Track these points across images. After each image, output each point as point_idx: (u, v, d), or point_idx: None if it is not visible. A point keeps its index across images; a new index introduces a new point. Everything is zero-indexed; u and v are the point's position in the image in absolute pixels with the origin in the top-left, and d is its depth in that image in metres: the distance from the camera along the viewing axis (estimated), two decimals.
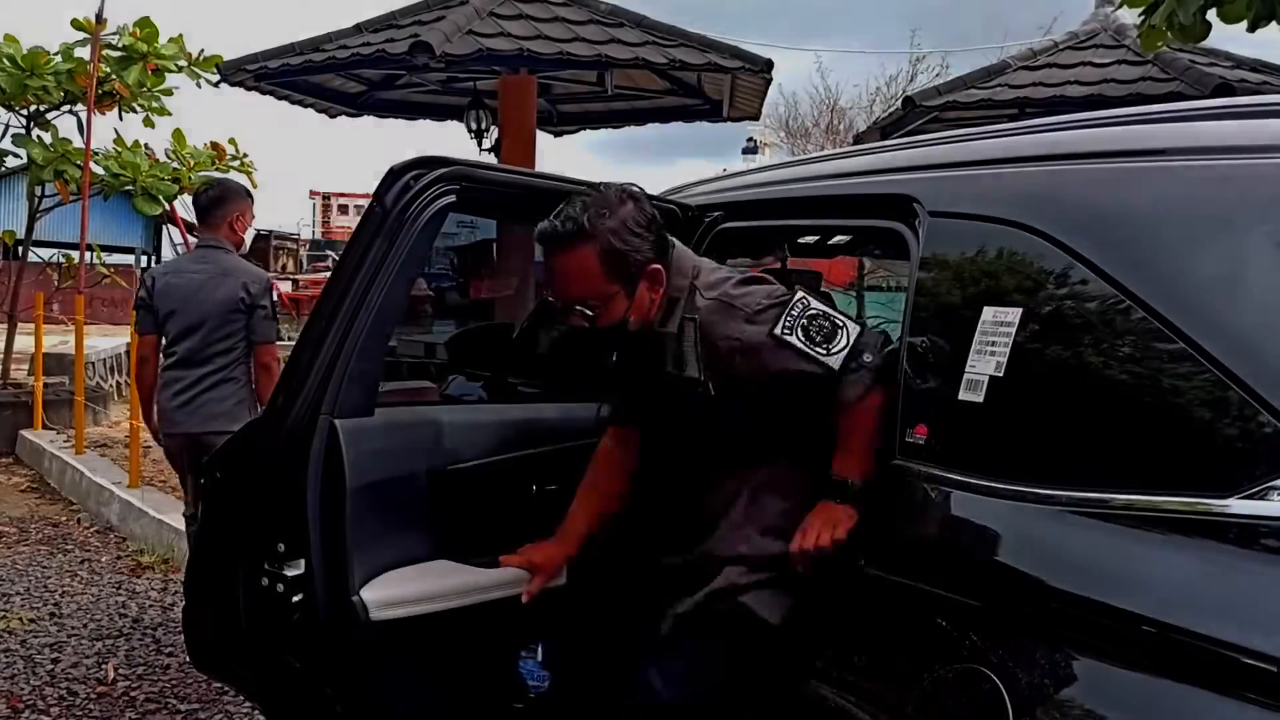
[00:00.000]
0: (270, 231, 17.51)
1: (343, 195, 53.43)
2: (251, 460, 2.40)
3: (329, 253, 36.64)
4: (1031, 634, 1.58)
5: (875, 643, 1.89)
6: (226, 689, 4.25)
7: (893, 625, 1.86)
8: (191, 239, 19.04)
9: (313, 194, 53.81)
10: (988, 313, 1.83)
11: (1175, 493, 1.51)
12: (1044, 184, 1.89)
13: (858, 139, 14.71)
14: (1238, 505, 1.42)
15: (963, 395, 1.82)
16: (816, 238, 3.00)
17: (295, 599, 2.20)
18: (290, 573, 2.20)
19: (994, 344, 1.79)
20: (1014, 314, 1.78)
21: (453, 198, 2.27)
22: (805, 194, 2.62)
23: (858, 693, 1.83)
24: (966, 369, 1.83)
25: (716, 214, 2.85)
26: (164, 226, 27.62)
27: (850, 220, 2.53)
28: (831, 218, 2.62)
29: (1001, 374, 1.77)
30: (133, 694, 4.25)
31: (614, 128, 11.16)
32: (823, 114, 28.17)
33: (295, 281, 25.50)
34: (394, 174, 2.25)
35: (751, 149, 29.80)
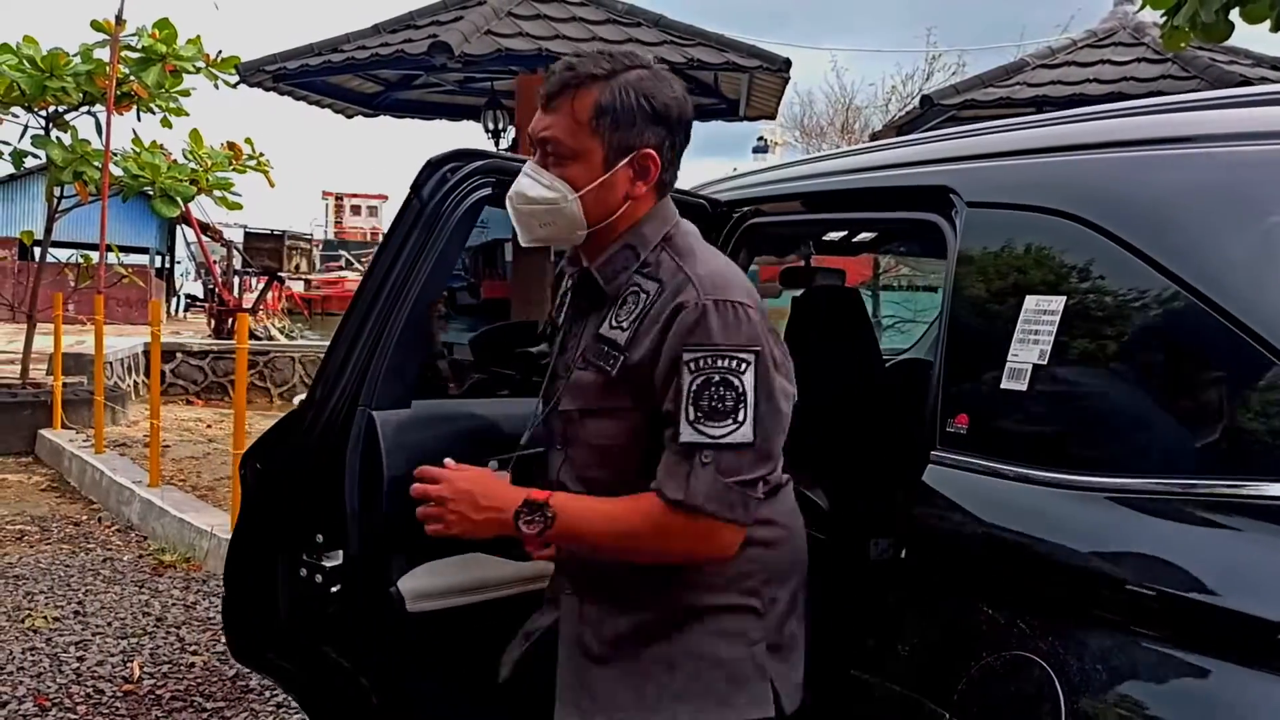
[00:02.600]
0: (284, 231, 17.54)
1: (355, 196, 53.77)
2: (290, 451, 2.40)
3: (342, 253, 36.81)
4: (1081, 621, 1.57)
5: (919, 634, 1.88)
6: (251, 688, 4.27)
7: (936, 617, 1.85)
8: (205, 239, 18.99)
9: (325, 194, 54.14)
10: (1030, 301, 1.82)
11: (1224, 478, 1.50)
12: (1087, 172, 1.88)
13: (874, 138, 14.70)
14: None
15: (1005, 384, 1.82)
16: (849, 232, 2.99)
17: (333, 590, 2.21)
18: (328, 564, 2.20)
19: (1037, 332, 1.79)
20: (1058, 302, 1.78)
21: (489, 190, 2.27)
22: (838, 187, 2.62)
23: (904, 682, 1.82)
24: (1009, 358, 1.82)
25: (745, 209, 2.85)
26: (178, 227, 27.86)
27: (884, 213, 2.52)
28: (865, 211, 2.61)
29: (1045, 362, 1.76)
30: (158, 692, 4.27)
31: None
32: (838, 113, 28.13)
33: (308, 282, 25.51)
34: (432, 166, 2.25)
35: (762, 148, 29.81)
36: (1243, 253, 1.63)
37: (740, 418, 1.66)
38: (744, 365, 1.67)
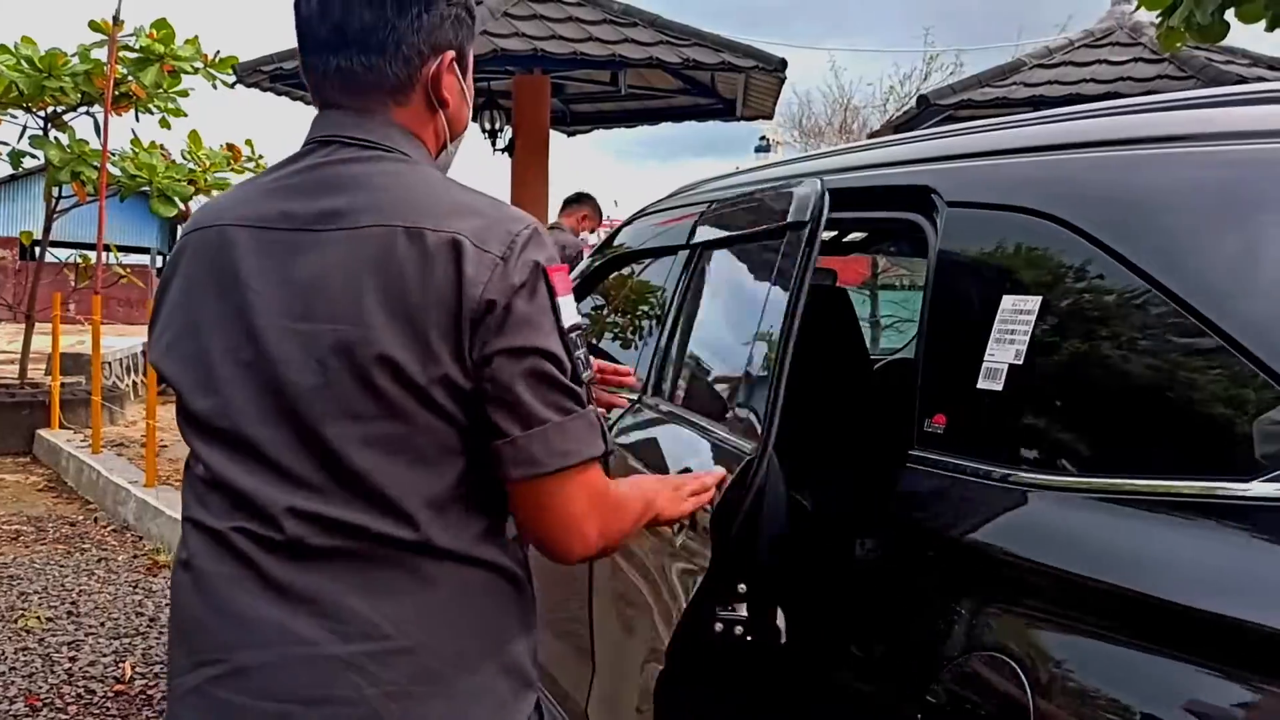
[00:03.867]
0: None
1: None
2: None
3: None
4: (1050, 621, 1.57)
5: (892, 634, 1.88)
6: None
7: (907, 616, 1.85)
8: None
9: None
10: (1007, 301, 1.82)
11: (1197, 477, 1.50)
12: (1063, 171, 1.89)
13: (871, 138, 14.69)
14: (1259, 488, 1.41)
15: (982, 383, 1.82)
16: (833, 232, 2.99)
17: None
18: None
19: (1014, 332, 1.79)
20: (1033, 302, 1.78)
21: None
22: None
23: (880, 683, 1.82)
24: (985, 357, 1.82)
25: None
26: (179, 227, 27.92)
27: (868, 213, 2.52)
28: (848, 211, 2.61)
29: (1021, 361, 1.76)
30: (150, 692, 4.27)
31: (627, 127, 11.18)
32: (836, 113, 28.14)
33: None
34: None
35: (764, 147, 29.82)
36: (1217, 253, 1.63)
37: None
38: None
